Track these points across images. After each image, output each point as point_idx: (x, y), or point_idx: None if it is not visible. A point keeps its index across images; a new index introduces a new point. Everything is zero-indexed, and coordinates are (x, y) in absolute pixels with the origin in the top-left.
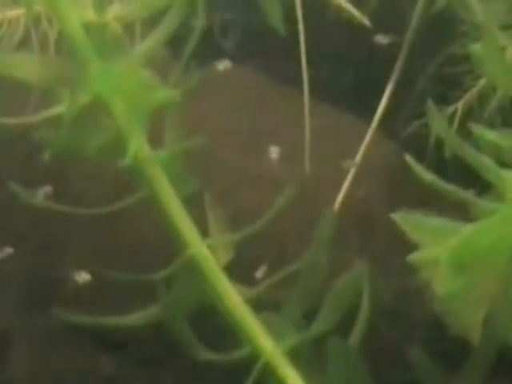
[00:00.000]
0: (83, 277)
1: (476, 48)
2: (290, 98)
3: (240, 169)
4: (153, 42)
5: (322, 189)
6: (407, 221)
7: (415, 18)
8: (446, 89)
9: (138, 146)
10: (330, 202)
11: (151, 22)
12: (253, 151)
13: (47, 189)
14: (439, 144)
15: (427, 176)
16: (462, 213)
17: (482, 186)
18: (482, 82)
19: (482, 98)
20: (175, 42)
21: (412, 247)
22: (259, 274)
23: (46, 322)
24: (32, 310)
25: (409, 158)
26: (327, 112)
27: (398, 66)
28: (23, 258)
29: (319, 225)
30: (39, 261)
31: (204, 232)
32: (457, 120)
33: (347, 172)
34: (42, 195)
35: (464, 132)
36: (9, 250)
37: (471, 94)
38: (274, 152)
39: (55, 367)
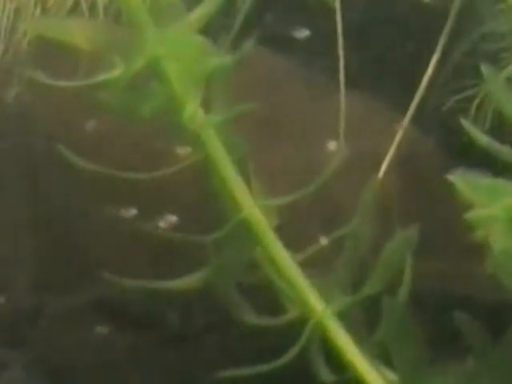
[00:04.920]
0: (169, 220)
1: None
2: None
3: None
4: (208, 7)
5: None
6: (463, 181)
7: None
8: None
9: (194, 109)
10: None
11: None
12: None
13: None
14: (477, 119)
15: (482, 139)
16: None
17: None
18: None
19: None
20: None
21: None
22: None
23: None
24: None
25: (464, 122)
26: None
27: (444, 36)
28: None
29: (363, 193)
30: None
31: None
32: None
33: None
34: None
35: None
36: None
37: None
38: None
39: (76, 346)
